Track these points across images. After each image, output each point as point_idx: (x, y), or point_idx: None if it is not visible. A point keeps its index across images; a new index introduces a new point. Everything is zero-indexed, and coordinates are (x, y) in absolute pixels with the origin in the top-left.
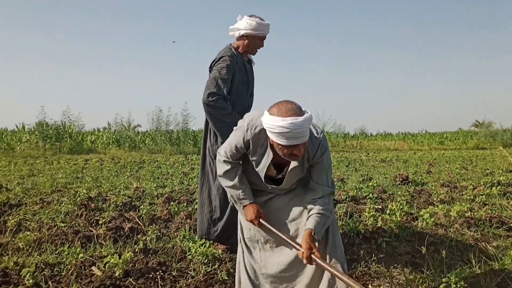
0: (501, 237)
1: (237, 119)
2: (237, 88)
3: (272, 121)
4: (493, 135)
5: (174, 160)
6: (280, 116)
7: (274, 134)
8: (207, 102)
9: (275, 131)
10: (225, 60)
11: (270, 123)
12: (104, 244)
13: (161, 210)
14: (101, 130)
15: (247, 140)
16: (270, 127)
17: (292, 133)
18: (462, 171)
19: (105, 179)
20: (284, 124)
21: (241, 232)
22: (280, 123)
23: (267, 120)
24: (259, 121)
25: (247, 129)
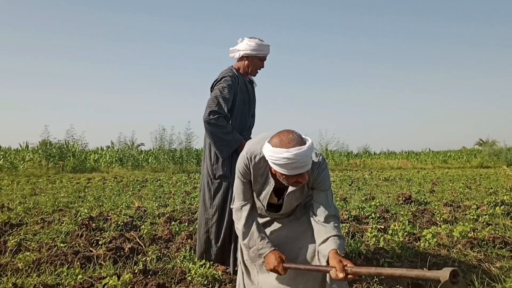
0: (504, 257)
1: (237, 137)
2: (238, 108)
3: (275, 153)
4: (497, 153)
5: (177, 179)
6: (283, 148)
7: (278, 165)
8: (208, 120)
9: (279, 162)
10: (226, 80)
11: (274, 155)
12: (104, 265)
13: (162, 230)
14: (104, 149)
15: (247, 168)
16: (274, 159)
17: (297, 163)
18: (466, 190)
19: (107, 198)
20: (288, 156)
21: (241, 254)
22: (285, 154)
23: (270, 152)
24: (257, 150)
25: (246, 158)
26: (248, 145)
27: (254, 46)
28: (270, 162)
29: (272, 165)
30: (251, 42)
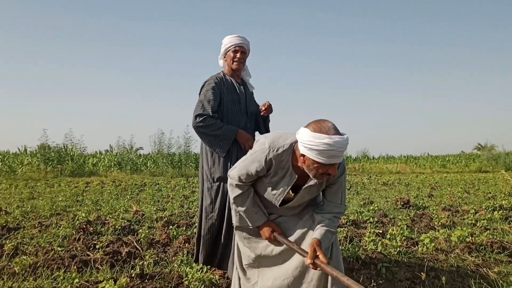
0: (502, 262)
1: (230, 128)
2: (228, 107)
3: (315, 138)
4: (496, 158)
5: (175, 183)
6: (324, 134)
7: (315, 151)
8: (196, 125)
9: (319, 148)
10: (209, 83)
11: (314, 140)
12: (101, 269)
13: (160, 234)
14: (103, 152)
15: (269, 161)
16: (313, 144)
17: (335, 151)
18: (464, 195)
19: (105, 202)
20: (330, 142)
21: (239, 259)
22: (326, 140)
23: (309, 137)
24: (280, 142)
25: (269, 151)
26: (267, 138)
27: (224, 40)
28: (307, 148)
29: (308, 151)
30: (226, 40)
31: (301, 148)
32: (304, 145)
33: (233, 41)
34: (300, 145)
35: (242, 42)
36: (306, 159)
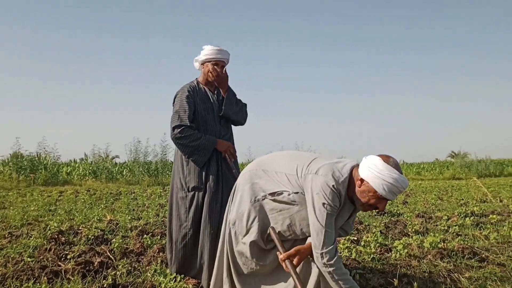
0: (473, 268)
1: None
2: (202, 116)
3: (387, 169)
4: (468, 165)
5: (152, 192)
6: (397, 170)
7: (381, 181)
8: (174, 136)
9: (388, 182)
10: (183, 92)
11: (385, 170)
12: (72, 280)
13: (134, 243)
14: (77, 161)
15: (341, 195)
16: (383, 174)
17: (398, 189)
18: (438, 202)
19: (78, 212)
20: (398, 179)
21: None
22: (396, 176)
23: (381, 166)
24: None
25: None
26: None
27: (204, 51)
28: (374, 175)
29: (373, 178)
30: (204, 48)
31: (366, 173)
32: (372, 171)
33: (214, 55)
34: (367, 169)
35: (223, 57)
36: (364, 184)
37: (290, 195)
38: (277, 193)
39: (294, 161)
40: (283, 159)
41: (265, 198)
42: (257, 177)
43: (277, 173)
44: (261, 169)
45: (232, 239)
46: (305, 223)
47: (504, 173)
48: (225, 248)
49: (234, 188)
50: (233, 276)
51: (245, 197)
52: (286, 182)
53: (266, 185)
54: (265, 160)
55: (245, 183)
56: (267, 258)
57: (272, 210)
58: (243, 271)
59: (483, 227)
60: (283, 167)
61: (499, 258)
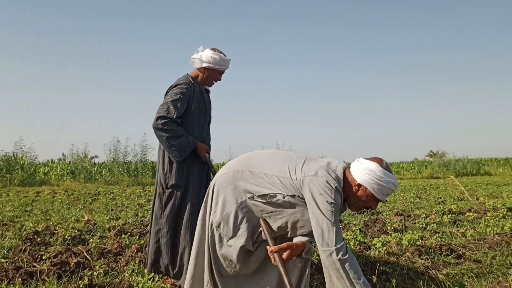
0: (450, 264)
1: (190, 140)
2: (194, 116)
3: (386, 176)
4: (446, 164)
5: (131, 192)
6: (392, 175)
7: (381, 187)
8: (156, 126)
9: (386, 186)
10: (181, 87)
11: (384, 177)
12: (47, 281)
13: (112, 243)
14: (55, 161)
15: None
16: (383, 181)
17: (393, 191)
18: (416, 200)
19: (55, 212)
20: (396, 183)
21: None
22: (394, 181)
23: (380, 173)
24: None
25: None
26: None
27: (218, 60)
28: (374, 182)
29: (372, 185)
30: (215, 55)
31: (364, 178)
32: (371, 177)
33: (226, 66)
34: (365, 175)
35: (227, 67)
36: (362, 189)
37: (285, 197)
38: (269, 195)
39: (284, 163)
40: (270, 160)
41: (252, 199)
42: (242, 178)
43: (267, 175)
44: (248, 170)
45: (216, 242)
46: (299, 224)
47: (481, 172)
48: (206, 250)
49: (212, 188)
50: (216, 278)
51: (230, 198)
52: (279, 184)
53: (253, 187)
54: (250, 160)
55: (227, 184)
56: (251, 260)
57: (262, 212)
58: (225, 273)
59: (460, 225)
60: (273, 169)
61: (476, 254)
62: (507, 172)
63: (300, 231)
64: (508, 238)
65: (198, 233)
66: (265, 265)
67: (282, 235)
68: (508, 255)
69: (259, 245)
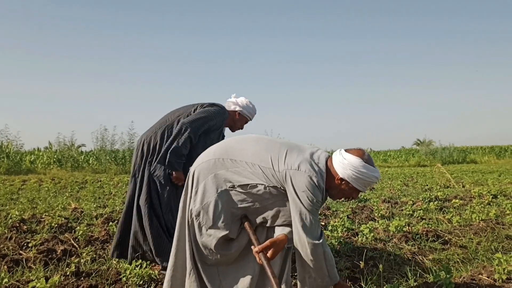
0: (436, 250)
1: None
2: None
3: (369, 170)
4: (433, 152)
5: (119, 180)
6: (374, 167)
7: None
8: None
9: (369, 180)
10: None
11: (367, 172)
12: (34, 268)
13: (99, 231)
14: (41, 149)
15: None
16: (366, 176)
17: (374, 184)
18: (403, 187)
19: (41, 200)
20: (378, 176)
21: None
22: (376, 174)
23: (362, 168)
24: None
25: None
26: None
27: (251, 108)
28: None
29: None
30: (251, 105)
31: (346, 173)
32: (354, 173)
33: (252, 116)
34: (346, 170)
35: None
36: (344, 183)
37: (267, 188)
38: (250, 185)
39: (266, 152)
40: (252, 147)
41: (233, 188)
42: (223, 166)
43: (248, 164)
44: (229, 158)
45: (196, 230)
46: (280, 214)
47: (467, 160)
48: (187, 238)
49: (192, 175)
50: (199, 266)
51: (210, 187)
52: (260, 174)
53: (234, 176)
54: (231, 147)
55: (208, 172)
56: (231, 247)
57: (242, 202)
58: (207, 261)
59: (446, 211)
60: (255, 158)
61: (461, 240)
62: (492, 160)
63: (281, 221)
64: (493, 224)
65: (179, 220)
66: (247, 252)
67: (262, 223)
68: (493, 240)
69: (240, 232)
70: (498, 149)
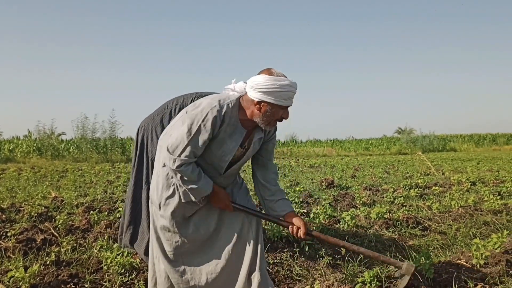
0: (416, 236)
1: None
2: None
3: (276, 81)
4: (414, 141)
5: (100, 169)
6: (283, 77)
7: (276, 93)
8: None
9: (281, 90)
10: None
11: (275, 83)
12: (13, 258)
13: (80, 219)
14: (20, 138)
15: (221, 118)
16: (275, 87)
17: (293, 93)
18: (385, 175)
19: (21, 189)
20: (290, 83)
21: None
22: (286, 82)
23: (269, 81)
24: (226, 99)
25: (221, 107)
26: (212, 97)
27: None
28: (267, 92)
29: (267, 96)
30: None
31: (257, 95)
32: (262, 90)
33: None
34: (257, 92)
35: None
36: (263, 105)
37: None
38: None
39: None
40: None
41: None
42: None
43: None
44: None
45: (154, 217)
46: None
47: (447, 148)
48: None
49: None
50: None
51: (156, 171)
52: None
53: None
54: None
55: (157, 159)
56: (189, 227)
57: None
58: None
59: (426, 198)
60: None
61: (441, 227)
62: (471, 148)
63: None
64: (472, 210)
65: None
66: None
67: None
68: (471, 226)
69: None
70: (477, 137)
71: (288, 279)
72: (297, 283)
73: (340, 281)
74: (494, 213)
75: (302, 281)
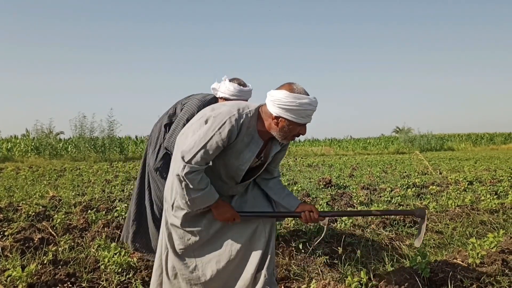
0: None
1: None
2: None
3: (296, 98)
4: (412, 140)
5: (98, 168)
6: (303, 94)
7: (295, 111)
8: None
9: (299, 108)
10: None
11: (294, 101)
12: (10, 257)
13: (78, 219)
14: (18, 137)
15: (238, 128)
16: (294, 105)
17: (312, 111)
18: (382, 174)
19: (18, 188)
20: (310, 102)
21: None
22: (306, 100)
23: (288, 98)
24: (246, 108)
25: (239, 116)
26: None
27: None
28: (285, 109)
29: (285, 112)
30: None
31: (276, 110)
32: (282, 106)
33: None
34: (276, 107)
35: None
36: (280, 120)
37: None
38: None
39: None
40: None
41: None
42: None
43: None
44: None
45: (167, 214)
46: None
47: (444, 147)
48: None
49: None
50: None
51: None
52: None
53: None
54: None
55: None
56: (202, 224)
57: None
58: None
59: (423, 198)
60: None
61: (437, 226)
62: (469, 148)
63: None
64: (468, 210)
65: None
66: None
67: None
68: (467, 226)
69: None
70: (474, 137)
71: (285, 278)
72: (294, 282)
73: (337, 280)
74: (491, 212)
75: (299, 280)
